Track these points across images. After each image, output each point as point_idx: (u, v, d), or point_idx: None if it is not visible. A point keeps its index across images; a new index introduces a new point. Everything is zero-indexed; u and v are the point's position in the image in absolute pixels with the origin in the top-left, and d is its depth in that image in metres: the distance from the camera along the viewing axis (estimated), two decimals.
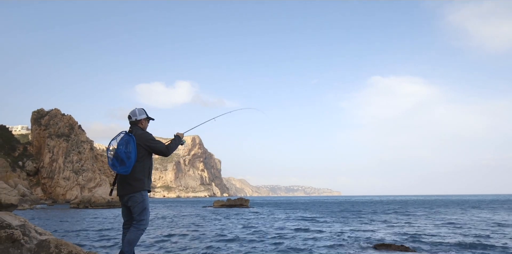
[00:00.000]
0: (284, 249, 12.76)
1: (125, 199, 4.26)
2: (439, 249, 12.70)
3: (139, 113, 4.52)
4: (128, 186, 4.22)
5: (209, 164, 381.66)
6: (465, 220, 26.47)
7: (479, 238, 15.65)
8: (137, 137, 4.29)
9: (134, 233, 4.15)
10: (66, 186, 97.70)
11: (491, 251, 12.25)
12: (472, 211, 40.41)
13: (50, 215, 36.07)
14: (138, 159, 4.24)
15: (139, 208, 4.21)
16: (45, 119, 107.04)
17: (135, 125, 4.48)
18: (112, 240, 14.99)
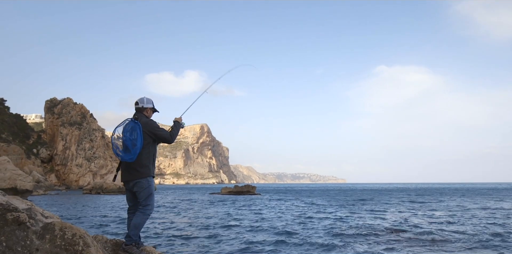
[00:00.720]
0: (285, 233, 13.15)
1: (130, 184, 4.33)
2: (443, 235, 12.93)
3: (146, 101, 4.62)
4: (134, 172, 4.28)
5: (217, 151, 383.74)
6: (468, 208, 26.59)
7: (484, 227, 15.87)
8: (143, 124, 4.35)
9: (140, 217, 4.25)
10: (79, 173, 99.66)
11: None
12: (476, 198, 40.40)
13: (63, 200, 37.07)
14: (144, 145, 4.29)
15: (145, 194, 4.29)
16: (58, 108, 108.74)
17: (140, 113, 4.56)
18: (118, 226, 15.53)
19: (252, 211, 23.93)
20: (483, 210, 25.03)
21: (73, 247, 2.61)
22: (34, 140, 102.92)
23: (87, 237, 2.73)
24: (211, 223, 16.92)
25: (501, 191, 71.48)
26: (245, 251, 9.99)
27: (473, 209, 25.98)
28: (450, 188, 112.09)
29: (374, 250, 9.99)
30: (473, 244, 11.18)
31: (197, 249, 10.16)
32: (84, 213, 21.88)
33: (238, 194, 54.51)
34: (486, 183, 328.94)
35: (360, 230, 14.52)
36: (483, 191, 75.29)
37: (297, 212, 23.68)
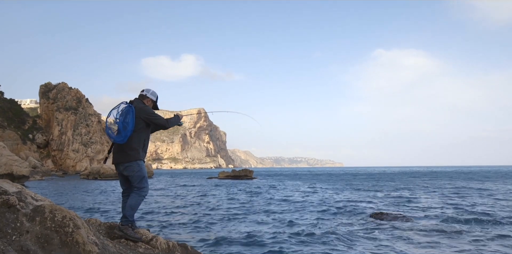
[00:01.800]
0: (277, 217, 13.32)
1: (120, 168, 4.39)
2: (436, 217, 13.12)
3: (152, 93, 4.72)
4: (123, 155, 4.34)
5: (215, 136, 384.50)
6: (465, 191, 26.94)
7: (474, 208, 16.10)
8: (138, 110, 4.42)
9: (135, 198, 4.31)
10: (75, 158, 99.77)
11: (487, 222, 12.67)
12: (472, 182, 40.89)
13: (60, 185, 37.23)
14: (136, 130, 4.35)
15: (138, 177, 4.34)
16: (53, 93, 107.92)
17: (140, 100, 4.64)
18: (113, 210, 15.65)
19: (247, 193, 24.15)
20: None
21: (63, 229, 2.62)
22: (29, 125, 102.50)
23: (77, 219, 2.74)
24: (205, 208, 17.08)
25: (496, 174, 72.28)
26: (237, 234, 10.12)
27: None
28: (457, 171, 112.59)
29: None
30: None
31: (191, 232, 10.29)
32: (80, 198, 22.02)
33: (235, 178, 54.86)
34: (484, 166, 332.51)
35: (354, 212, 14.69)
36: (501, 174, 75.40)
37: (292, 195, 23.88)
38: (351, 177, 63.23)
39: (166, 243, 4.20)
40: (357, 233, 10.15)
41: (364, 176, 65.25)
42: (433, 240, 9.15)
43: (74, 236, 2.60)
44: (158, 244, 4.12)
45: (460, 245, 8.67)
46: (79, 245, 2.56)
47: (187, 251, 4.46)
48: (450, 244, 8.73)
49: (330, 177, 61.29)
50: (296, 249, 8.11)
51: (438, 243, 8.82)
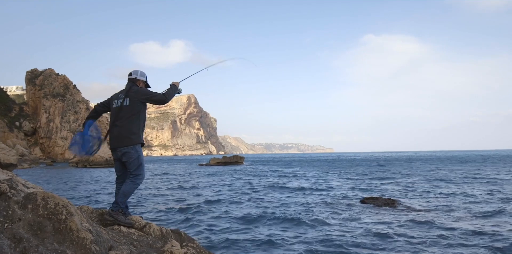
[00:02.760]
0: (269, 204, 13.43)
1: (119, 153, 4.34)
2: (425, 202, 13.36)
3: (140, 74, 4.66)
4: (125, 139, 4.30)
5: (205, 122, 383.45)
6: (453, 176, 27.42)
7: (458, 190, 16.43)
8: (134, 93, 4.39)
9: (129, 185, 4.28)
10: (64, 146, 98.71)
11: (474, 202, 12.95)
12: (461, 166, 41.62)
13: (49, 173, 36.96)
14: (135, 113, 4.34)
15: (135, 164, 4.30)
16: (39, 79, 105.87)
17: (132, 83, 4.59)
18: (105, 197, 15.63)
19: (237, 178, 24.28)
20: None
21: (56, 216, 2.59)
22: (16, 112, 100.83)
23: (70, 206, 2.71)
24: (196, 195, 17.15)
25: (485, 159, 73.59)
26: (225, 219, 10.20)
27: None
28: (439, 156, 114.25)
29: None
30: None
31: (182, 219, 10.34)
32: (70, 186, 21.91)
33: (226, 164, 55.04)
34: (473, 151, 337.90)
35: (345, 197, 14.88)
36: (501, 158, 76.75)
37: (280, 181, 24.03)
38: (346, 163, 63.88)
39: (160, 229, 4.21)
40: (342, 215, 10.30)
41: (357, 162, 65.96)
42: (415, 221, 9.33)
43: (67, 223, 2.57)
44: (151, 231, 4.12)
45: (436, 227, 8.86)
46: (72, 232, 2.54)
47: (181, 237, 4.47)
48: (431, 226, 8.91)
49: (323, 163, 61.81)
50: (278, 229, 8.21)
51: (420, 224, 9.00)
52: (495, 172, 29.44)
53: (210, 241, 7.45)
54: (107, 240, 3.06)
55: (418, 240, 7.60)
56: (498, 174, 27.07)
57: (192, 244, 4.48)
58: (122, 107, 4.40)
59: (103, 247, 2.72)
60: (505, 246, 7.02)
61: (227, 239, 7.58)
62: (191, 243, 4.45)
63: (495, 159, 68.14)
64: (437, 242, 7.45)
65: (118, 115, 4.41)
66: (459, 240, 7.59)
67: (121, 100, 4.43)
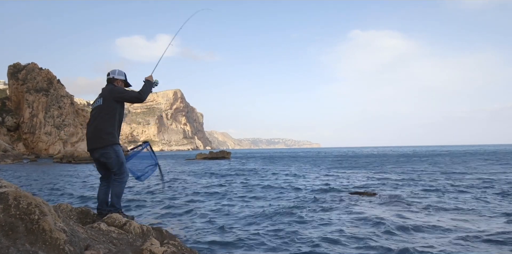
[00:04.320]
0: (258, 197, 13.45)
1: (96, 154, 4.31)
2: (408, 194, 13.53)
3: (118, 73, 4.58)
4: (98, 139, 4.25)
5: (192, 117, 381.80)
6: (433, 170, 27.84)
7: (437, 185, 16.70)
8: (108, 92, 4.34)
9: (118, 186, 4.31)
10: (48, 141, 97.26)
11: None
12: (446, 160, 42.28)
13: (33, 170, 36.34)
14: (109, 112, 4.28)
15: (116, 163, 4.28)
16: (22, 74, 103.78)
17: (110, 83, 4.53)
18: (87, 195, 15.44)
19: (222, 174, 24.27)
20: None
21: (28, 216, 2.52)
22: None
23: (43, 205, 2.64)
24: (182, 192, 17.09)
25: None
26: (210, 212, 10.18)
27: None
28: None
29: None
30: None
31: (167, 217, 10.29)
32: (53, 182, 21.57)
33: (213, 159, 54.97)
34: (460, 146, 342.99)
35: (332, 191, 14.98)
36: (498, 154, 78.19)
37: (272, 176, 24.05)
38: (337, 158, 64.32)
39: (140, 227, 4.15)
40: (326, 208, 10.38)
41: (345, 157, 66.53)
42: (392, 212, 9.45)
43: (40, 223, 2.51)
44: (131, 229, 4.07)
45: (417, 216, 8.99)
46: (45, 232, 2.48)
47: (162, 235, 4.43)
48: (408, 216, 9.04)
49: (311, 159, 62.13)
50: (265, 225, 8.23)
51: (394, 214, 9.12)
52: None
53: (194, 239, 7.42)
54: (84, 239, 3.00)
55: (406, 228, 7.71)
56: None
57: (174, 241, 4.43)
58: (97, 107, 4.36)
59: (78, 247, 2.66)
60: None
61: (210, 236, 7.56)
62: (173, 241, 4.41)
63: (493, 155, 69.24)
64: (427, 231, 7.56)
65: (93, 115, 4.38)
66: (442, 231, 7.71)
67: (98, 100, 4.40)
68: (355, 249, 6.70)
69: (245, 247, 6.76)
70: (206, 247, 6.74)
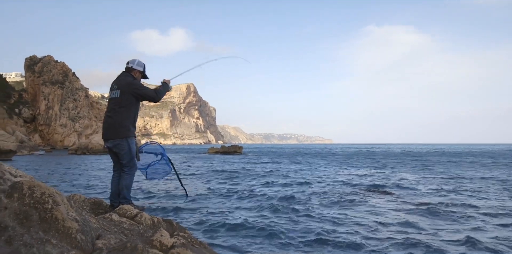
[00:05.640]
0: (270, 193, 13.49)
1: (110, 144, 4.36)
2: (418, 194, 13.41)
3: (137, 63, 4.58)
4: (113, 131, 4.31)
5: (204, 111, 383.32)
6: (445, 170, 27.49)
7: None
8: (126, 85, 4.35)
9: (128, 178, 4.38)
10: (63, 133, 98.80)
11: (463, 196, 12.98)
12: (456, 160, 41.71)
13: (48, 161, 37.02)
14: (125, 105, 4.30)
15: (127, 156, 4.34)
16: (38, 66, 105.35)
17: (128, 73, 4.54)
18: (100, 186, 15.66)
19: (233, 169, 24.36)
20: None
21: (42, 206, 2.58)
22: (15, 99, 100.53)
23: (56, 195, 2.70)
24: (192, 186, 17.21)
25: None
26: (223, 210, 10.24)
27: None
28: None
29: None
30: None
31: (175, 209, 10.38)
32: (67, 173, 21.95)
33: (225, 154, 55.17)
34: (477, 144, 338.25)
35: (342, 189, 14.92)
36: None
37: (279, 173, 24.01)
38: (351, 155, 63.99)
39: (151, 219, 4.21)
40: (336, 204, 10.36)
41: (361, 155, 66.11)
42: (405, 211, 9.38)
43: (53, 212, 2.57)
44: (142, 220, 4.12)
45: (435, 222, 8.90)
46: (58, 221, 2.54)
47: (173, 226, 4.47)
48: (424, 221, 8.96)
49: (327, 156, 61.87)
50: (277, 219, 8.25)
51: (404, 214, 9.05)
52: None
53: (203, 231, 7.49)
54: (96, 229, 3.06)
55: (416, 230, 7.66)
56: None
57: (183, 233, 4.48)
58: (114, 99, 4.39)
59: (89, 236, 2.71)
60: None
61: (219, 230, 7.62)
62: (182, 233, 4.46)
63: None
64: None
65: (110, 106, 4.43)
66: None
67: (115, 91, 4.41)
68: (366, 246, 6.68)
69: (255, 241, 6.80)
70: (217, 244, 6.79)
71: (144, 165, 4.73)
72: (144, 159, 4.71)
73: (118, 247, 2.54)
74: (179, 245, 3.09)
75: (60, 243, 2.44)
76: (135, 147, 4.45)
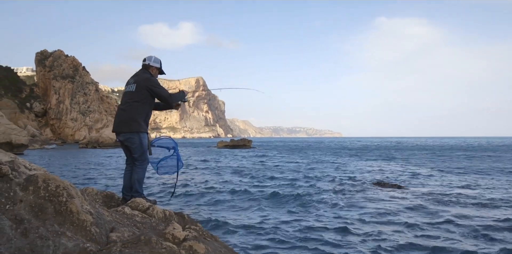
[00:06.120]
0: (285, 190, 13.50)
1: (121, 137, 4.40)
2: (430, 187, 13.34)
3: (154, 60, 4.60)
4: (125, 125, 4.33)
5: (213, 105, 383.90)
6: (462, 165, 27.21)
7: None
8: (143, 80, 4.36)
9: (140, 172, 4.41)
10: (74, 127, 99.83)
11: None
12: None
13: (60, 154, 37.48)
14: (139, 100, 4.32)
15: (138, 150, 4.35)
16: (49, 61, 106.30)
17: (145, 70, 4.56)
18: (111, 179, 15.82)
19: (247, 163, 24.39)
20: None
21: (57, 198, 2.61)
22: (26, 93, 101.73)
23: (71, 188, 2.72)
24: (202, 179, 17.29)
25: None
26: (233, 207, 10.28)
27: None
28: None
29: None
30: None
31: (186, 202, 10.44)
32: (79, 167, 22.20)
33: (234, 147, 55.28)
34: (486, 138, 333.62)
35: (356, 182, 14.88)
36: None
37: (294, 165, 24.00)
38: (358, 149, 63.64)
39: (163, 212, 4.23)
40: (349, 197, 10.34)
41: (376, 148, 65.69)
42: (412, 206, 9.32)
43: (68, 205, 2.59)
44: (154, 213, 4.15)
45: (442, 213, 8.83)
46: (73, 214, 2.56)
47: (184, 220, 4.50)
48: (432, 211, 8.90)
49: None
50: (287, 213, 8.27)
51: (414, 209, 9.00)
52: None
53: (214, 225, 7.53)
54: (109, 222, 3.09)
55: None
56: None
57: (195, 226, 4.51)
58: (129, 92, 4.41)
59: (103, 229, 2.74)
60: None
61: (231, 224, 7.66)
62: (194, 226, 4.48)
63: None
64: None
65: (124, 99, 4.44)
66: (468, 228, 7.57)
67: (131, 85, 4.43)
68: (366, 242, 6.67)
69: (264, 237, 6.82)
70: (231, 242, 6.82)
71: (156, 159, 4.73)
72: (156, 153, 4.71)
73: (132, 239, 2.56)
74: (191, 238, 3.11)
75: (75, 235, 2.46)
76: (147, 141, 4.46)
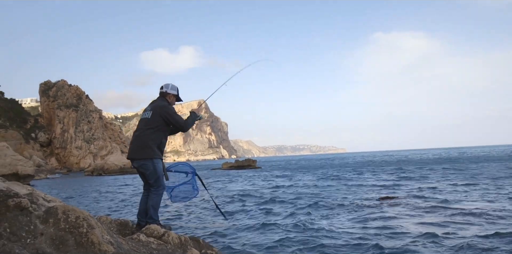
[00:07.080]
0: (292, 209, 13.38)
1: (135, 164, 4.40)
2: (438, 201, 13.17)
3: (171, 88, 4.69)
4: (138, 151, 4.35)
5: (216, 127, 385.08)
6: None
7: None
8: (159, 107, 4.44)
9: (155, 198, 4.38)
10: (79, 155, 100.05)
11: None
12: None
13: (66, 183, 37.42)
14: (154, 127, 4.36)
15: (153, 176, 4.35)
16: (53, 91, 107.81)
17: (162, 97, 4.65)
18: (123, 206, 15.73)
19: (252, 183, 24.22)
20: None
21: (77, 230, 2.62)
22: (31, 124, 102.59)
23: (91, 219, 2.73)
24: (209, 203, 17.16)
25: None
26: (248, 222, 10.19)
27: None
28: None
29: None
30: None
31: (202, 227, 10.36)
32: (88, 195, 22.13)
33: (239, 168, 55.07)
34: (490, 146, 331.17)
35: (363, 196, 14.74)
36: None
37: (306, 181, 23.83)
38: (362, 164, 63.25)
39: (178, 237, 4.21)
40: (355, 212, 10.22)
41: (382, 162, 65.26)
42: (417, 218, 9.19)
43: (89, 236, 2.60)
44: (170, 239, 4.13)
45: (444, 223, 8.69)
46: (94, 245, 2.57)
47: (200, 245, 4.48)
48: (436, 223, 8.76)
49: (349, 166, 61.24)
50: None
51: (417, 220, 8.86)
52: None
53: (230, 247, 7.45)
54: (128, 251, 3.08)
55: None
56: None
57: (211, 251, 4.48)
58: (145, 119, 4.48)
59: None
60: None
61: (245, 244, 7.57)
62: (210, 250, 4.46)
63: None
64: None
65: (139, 126, 4.51)
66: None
67: (147, 112, 4.51)
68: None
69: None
70: None
71: (173, 184, 4.74)
72: (173, 178, 4.73)
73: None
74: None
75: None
76: (162, 167, 4.47)
